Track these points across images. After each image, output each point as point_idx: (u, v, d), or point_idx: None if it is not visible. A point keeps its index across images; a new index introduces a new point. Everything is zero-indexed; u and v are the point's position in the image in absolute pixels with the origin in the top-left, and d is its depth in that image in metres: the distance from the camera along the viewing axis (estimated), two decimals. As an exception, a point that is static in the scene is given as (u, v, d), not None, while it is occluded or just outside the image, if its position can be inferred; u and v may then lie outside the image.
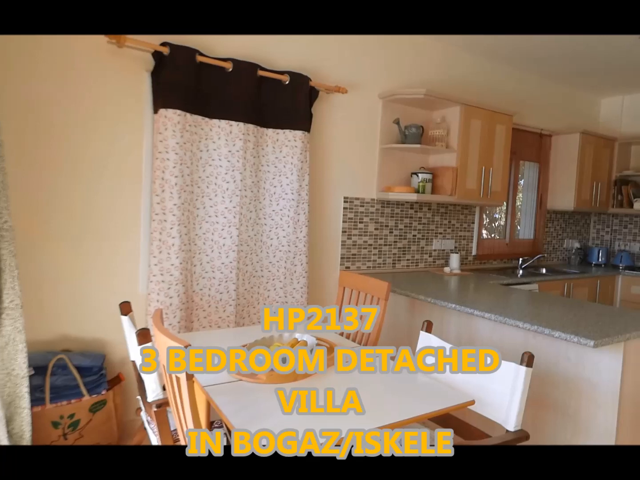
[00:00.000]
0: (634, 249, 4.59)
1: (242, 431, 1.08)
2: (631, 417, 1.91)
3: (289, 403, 1.29)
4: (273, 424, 1.16)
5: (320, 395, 1.36)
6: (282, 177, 2.70)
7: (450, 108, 3.27)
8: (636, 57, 3.56)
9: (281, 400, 1.30)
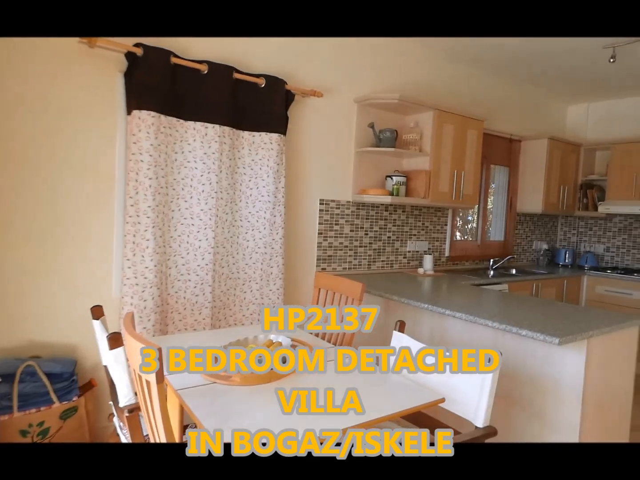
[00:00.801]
0: (598, 251, 4.75)
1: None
2: (594, 411, 1.97)
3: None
4: (246, 426, 1.16)
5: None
6: (258, 180, 2.69)
7: (424, 113, 3.32)
8: (599, 67, 3.69)
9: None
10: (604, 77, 3.96)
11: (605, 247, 4.69)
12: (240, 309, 2.71)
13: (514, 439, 2.13)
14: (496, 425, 2.20)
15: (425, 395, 1.44)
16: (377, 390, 1.45)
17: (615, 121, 4.61)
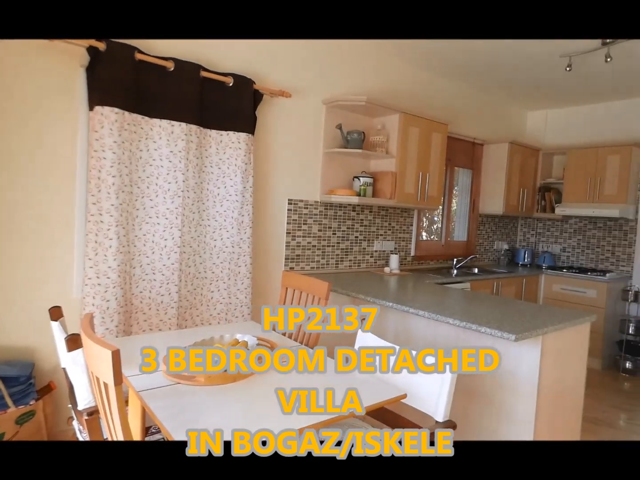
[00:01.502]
0: (555, 251, 4.94)
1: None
2: (548, 404, 2.05)
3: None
4: (209, 426, 1.14)
5: (261, 394, 1.35)
6: (226, 179, 2.66)
7: (390, 116, 3.36)
8: (557, 75, 3.84)
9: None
10: (561, 85, 4.12)
11: (561, 247, 4.89)
12: (207, 308, 2.67)
13: (473, 432, 2.19)
14: (457, 419, 2.26)
15: (388, 391, 1.46)
16: (341, 387, 1.46)
17: (571, 127, 4.81)
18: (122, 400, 0.95)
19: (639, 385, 3.76)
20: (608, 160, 4.21)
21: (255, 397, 1.34)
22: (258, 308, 3.00)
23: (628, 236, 4.38)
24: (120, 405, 0.94)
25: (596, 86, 4.08)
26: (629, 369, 4.01)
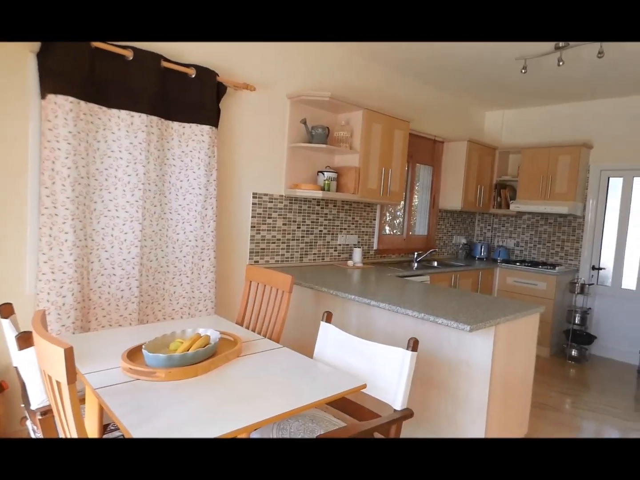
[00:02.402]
0: (509, 245, 5.14)
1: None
2: (500, 390, 2.14)
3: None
4: (169, 422, 1.12)
5: (222, 388, 1.34)
6: (189, 172, 2.60)
7: (354, 112, 3.38)
8: (513, 77, 3.97)
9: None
10: (517, 87, 4.27)
11: (515, 242, 5.09)
12: (169, 303, 2.61)
13: (431, 419, 2.26)
14: (415, 407, 2.32)
15: (349, 382, 1.48)
16: (303, 378, 1.47)
17: (526, 128, 4.99)
18: (76, 399, 0.92)
19: (583, 372, 3.98)
20: (559, 159, 4.41)
21: (216, 391, 1.33)
22: (223, 302, 2.97)
23: (576, 232, 4.61)
24: (74, 403, 0.91)
25: (549, 89, 4.25)
26: (575, 356, 4.24)
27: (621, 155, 4.31)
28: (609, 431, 2.83)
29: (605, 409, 3.18)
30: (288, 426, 1.61)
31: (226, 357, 1.56)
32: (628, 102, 4.26)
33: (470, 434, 2.10)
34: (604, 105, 4.41)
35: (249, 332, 1.99)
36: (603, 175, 4.46)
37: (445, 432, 2.21)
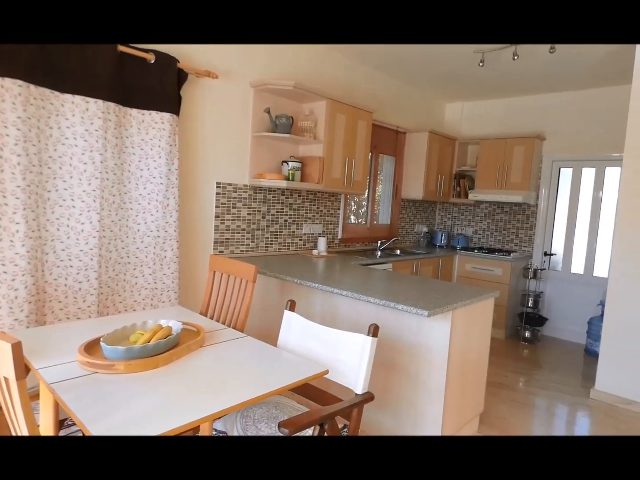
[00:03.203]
0: (468, 233, 5.29)
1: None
2: (456, 373, 2.21)
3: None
4: (128, 415, 1.09)
5: (184, 378, 1.32)
6: (149, 160, 2.52)
7: (318, 102, 3.36)
8: (471, 70, 4.05)
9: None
10: (475, 80, 4.36)
11: (473, 230, 5.24)
12: (131, 294, 2.54)
13: (392, 402, 2.32)
14: (377, 391, 2.37)
15: (311, 368, 1.49)
16: (267, 366, 1.47)
17: (484, 119, 5.12)
18: (26, 395, 0.88)
19: (535, 352, 4.18)
20: (514, 150, 4.55)
21: (178, 382, 1.30)
22: (187, 292, 2.91)
23: (529, 220, 4.80)
24: (24, 400, 0.87)
25: (506, 82, 4.37)
26: (528, 337, 4.44)
27: (571, 147, 4.50)
28: (559, 407, 2.99)
29: (556, 386, 3.35)
30: (252, 413, 1.60)
31: (188, 348, 1.54)
32: (578, 96, 4.44)
33: (429, 414, 2.17)
34: (556, 99, 4.58)
35: (212, 322, 1.97)
36: (555, 166, 4.65)
37: (405, 414, 2.27)
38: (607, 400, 3.11)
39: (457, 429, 2.31)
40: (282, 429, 1.21)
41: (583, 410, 2.96)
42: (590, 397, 3.17)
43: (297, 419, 1.26)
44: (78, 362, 1.37)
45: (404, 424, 2.28)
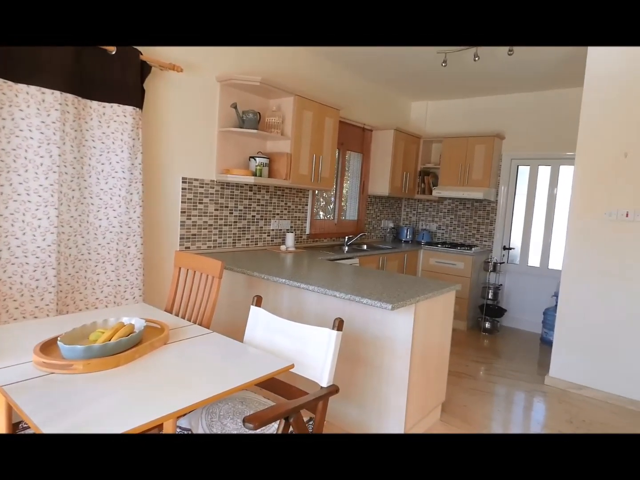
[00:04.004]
0: (432, 228, 5.40)
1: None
2: (419, 364, 2.26)
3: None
4: (87, 416, 1.05)
5: (148, 376, 1.28)
6: (111, 154, 2.42)
7: (285, 98, 3.33)
8: (434, 70, 4.12)
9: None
10: (438, 79, 4.43)
11: (437, 225, 5.36)
12: (92, 291, 2.45)
13: (358, 394, 2.34)
14: (344, 383, 2.39)
15: (277, 363, 1.48)
16: (234, 362, 1.45)
17: (447, 118, 5.22)
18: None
19: (495, 342, 4.32)
20: (476, 149, 4.67)
21: (141, 380, 1.27)
22: (152, 289, 2.84)
23: (490, 215, 4.94)
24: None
25: (468, 82, 4.47)
26: (488, 328, 4.59)
27: (528, 146, 4.66)
28: (517, 394, 3.11)
29: (514, 374, 3.48)
30: (217, 409, 1.58)
31: (152, 345, 1.50)
32: (534, 97, 4.60)
33: (393, 404, 2.21)
34: (515, 100, 4.72)
35: (178, 318, 1.93)
36: (513, 164, 4.80)
37: (370, 405, 2.30)
38: (560, 386, 3.26)
39: (420, 418, 2.37)
40: (247, 424, 1.20)
41: (538, 397, 3.09)
42: (545, 384, 3.31)
43: (262, 414, 1.25)
44: (33, 363, 1.31)
45: (369, 414, 2.31)
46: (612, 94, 2.99)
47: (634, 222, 2.94)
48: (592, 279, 3.11)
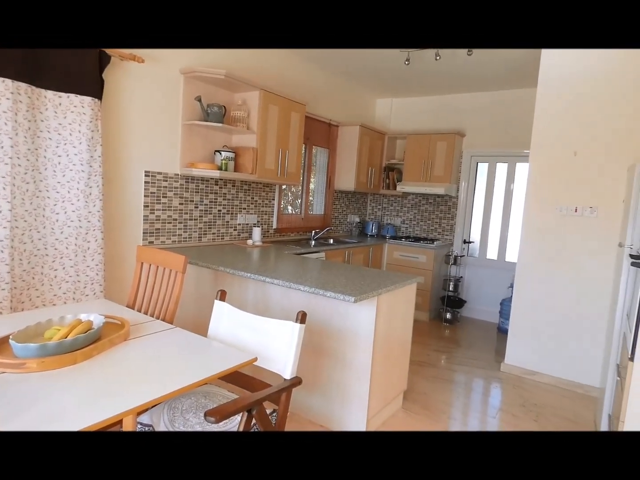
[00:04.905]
0: (396, 223, 5.49)
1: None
2: (381, 354, 2.30)
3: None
4: (40, 415, 1.02)
5: (106, 373, 1.24)
6: (68, 146, 2.32)
7: (251, 92, 3.29)
8: (398, 68, 4.17)
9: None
10: (402, 77, 4.49)
11: (402, 219, 5.45)
12: (50, 288, 2.35)
13: (322, 385, 2.37)
14: (309, 375, 2.40)
15: (240, 356, 1.48)
16: (196, 356, 1.44)
17: (411, 115, 5.30)
18: None
19: (455, 332, 4.46)
20: (438, 145, 4.77)
21: (99, 377, 1.23)
22: (114, 285, 2.75)
23: (451, 210, 5.07)
24: None
25: (430, 80, 4.55)
26: (449, 319, 4.73)
27: (487, 144, 4.81)
28: (475, 381, 3.22)
29: (472, 361, 3.61)
30: (180, 404, 1.56)
31: (111, 342, 1.46)
32: (493, 96, 4.74)
33: (356, 394, 2.24)
34: (474, 98, 4.85)
35: (140, 314, 1.88)
36: (473, 161, 4.94)
37: (334, 395, 2.33)
38: (514, 372, 3.40)
39: (382, 406, 2.42)
40: (208, 417, 1.19)
41: (495, 383, 3.22)
42: (500, 371, 3.45)
43: (223, 407, 1.24)
44: (-17, 362, 1.25)
45: (332, 404, 2.34)
46: (563, 95, 3.13)
47: (581, 216, 3.10)
48: (544, 270, 3.26)
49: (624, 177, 2.93)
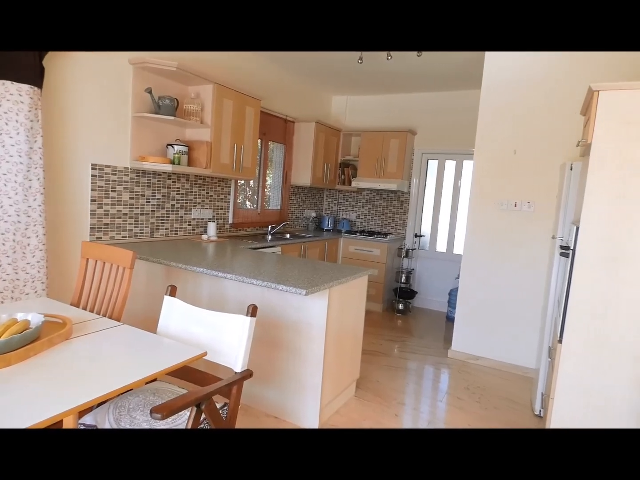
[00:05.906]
0: (351, 217, 5.54)
1: None
2: (334, 345, 2.32)
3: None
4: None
5: (44, 374, 1.17)
6: (4, 136, 2.16)
7: (205, 85, 3.19)
8: (352, 66, 4.19)
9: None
10: (356, 75, 4.52)
11: (357, 214, 5.51)
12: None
13: (277, 377, 2.36)
14: (263, 367, 2.39)
15: (189, 352, 1.44)
16: (143, 353, 1.39)
17: (366, 113, 5.36)
18: None
19: (407, 322, 4.58)
20: (391, 143, 4.86)
21: (36, 379, 1.16)
22: (59, 283, 2.60)
23: (403, 205, 5.19)
24: None
25: (383, 79, 4.61)
26: (401, 309, 4.85)
27: (436, 142, 4.95)
28: (425, 368, 3.32)
29: (423, 349, 3.72)
30: (127, 403, 1.50)
31: (50, 342, 1.37)
32: (442, 96, 4.87)
33: (309, 384, 2.25)
34: (425, 98, 4.97)
35: (85, 312, 1.79)
36: (424, 158, 5.07)
37: (288, 387, 2.32)
38: (460, 357, 3.55)
39: (335, 395, 2.44)
40: (154, 414, 1.14)
41: (443, 368, 3.34)
42: (448, 357, 3.58)
43: (170, 403, 1.20)
44: None
45: (286, 395, 2.33)
46: (504, 97, 3.27)
47: (520, 211, 3.26)
48: (487, 261, 3.40)
49: (557, 174, 3.11)
